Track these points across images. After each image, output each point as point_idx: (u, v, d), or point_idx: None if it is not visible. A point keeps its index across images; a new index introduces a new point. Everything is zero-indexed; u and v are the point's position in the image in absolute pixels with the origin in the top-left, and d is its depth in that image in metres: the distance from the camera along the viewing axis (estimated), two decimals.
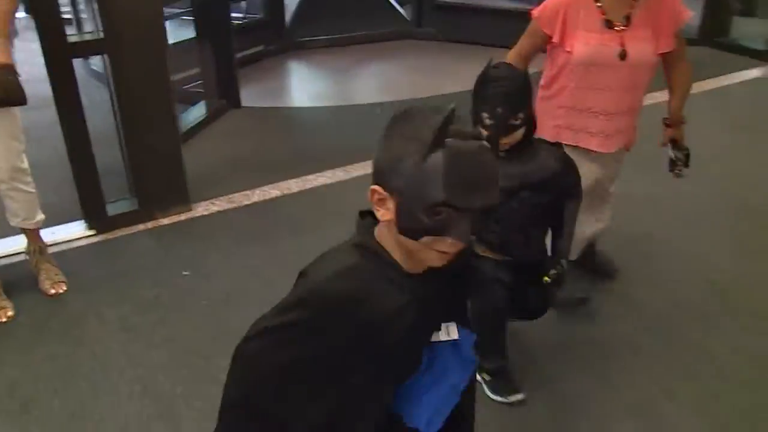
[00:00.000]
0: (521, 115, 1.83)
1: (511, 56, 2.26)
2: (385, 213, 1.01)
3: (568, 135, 2.30)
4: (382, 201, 1.01)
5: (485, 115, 1.84)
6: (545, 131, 2.27)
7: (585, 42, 2.16)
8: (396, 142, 0.98)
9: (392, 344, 1.03)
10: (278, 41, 5.99)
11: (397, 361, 1.06)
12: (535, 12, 2.25)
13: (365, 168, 3.63)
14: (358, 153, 3.68)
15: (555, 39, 2.20)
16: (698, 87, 4.83)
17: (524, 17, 2.33)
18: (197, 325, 2.45)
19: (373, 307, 1.01)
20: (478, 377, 2.03)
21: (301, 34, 6.17)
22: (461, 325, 1.16)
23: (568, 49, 2.19)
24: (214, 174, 3.63)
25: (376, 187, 1.01)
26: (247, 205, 3.32)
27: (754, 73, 5.05)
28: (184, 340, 2.37)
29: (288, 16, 6.15)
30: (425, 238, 0.97)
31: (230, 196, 3.38)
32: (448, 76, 5.15)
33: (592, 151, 2.31)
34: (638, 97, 2.30)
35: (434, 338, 1.11)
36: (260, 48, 5.85)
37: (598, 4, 2.15)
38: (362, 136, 4.17)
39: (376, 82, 5.59)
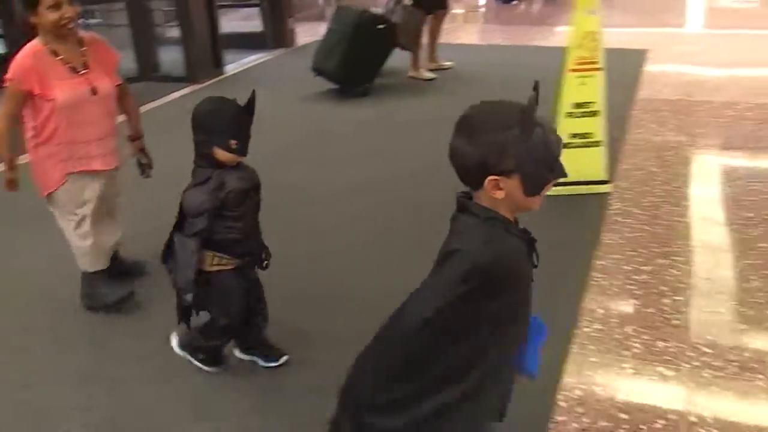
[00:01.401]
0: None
1: (2, 118, 2.69)
2: (500, 192, 1.35)
3: (74, 164, 2.78)
4: (496, 184, 1.34)
5: (233, 141, 2.17)
6: (54, 171, 2.76)
7: (61, 89, 2.66)
8: (489, 139, 1.32)
9: (528, 280, 1.44)
10: None
11: (530, 294, 1.47)
12: (9, 76, 2.63)
13: None
14: None
15: (37, 92, 2.64)
16: (143, 109, 6.07)
17: None
18: None
19: (514, 255, 1.39)
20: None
21: None
22: None
23: (50, 98, 2.66)
24: None
25: (492, 177, 1.33)
26: None
27: (182, 92, 6.52)
28: None
29: None
30: (544, 188, 1.38)
31: None
32: None
33: (98, 171, 2.84)
34: (113, 123, 2.91)
35: None
36: None
37: (59, 58, 2.68)
38: None
39: None
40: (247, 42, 8.09)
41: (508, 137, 1.31)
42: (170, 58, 7.04)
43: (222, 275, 2.31)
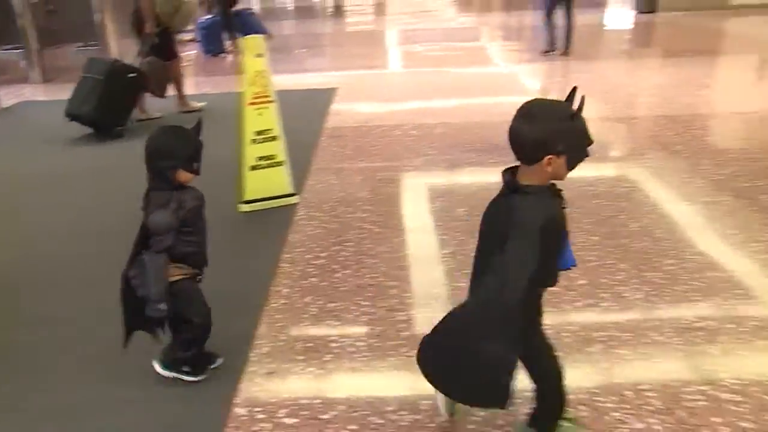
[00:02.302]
0: None
1: None
2: (550, 167, 1.83)
3: None
4: (550, 162, 1.82)
5: (196, 164, 2.54)
6: None
7: None
8: (548, 127, 1.80)
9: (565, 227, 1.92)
10: None
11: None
12: None
13: None
14: None
15: None
16: None
17: None
18: None
19: (557, 212, 1.88)
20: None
21: None
22: None
23: None
24: None
25: (549, 156, 1.80)
26: None
27: None
28: None
29: None
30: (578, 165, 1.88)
31: None
32: None
33: None
34: None
35: None
36: None
37: None
38: None
39: None
40: None
41: (563, 126, 1.81)
42: None
43: (184, 282, 2.60)
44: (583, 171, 5.08)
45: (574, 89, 1.88)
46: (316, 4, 22.80)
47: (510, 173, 1.92)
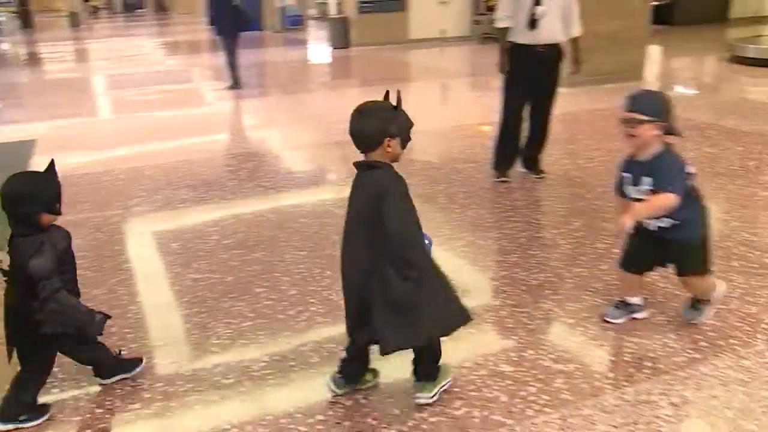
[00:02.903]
0: None
1: None
2: (390, 148, 2.41)
3: None
4: (388, 143, 2.40)
5: (58, 205, 2.54)
6: None
7: None
8: (379, 116, 2.40)
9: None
10: None
11: None
12: None
13: None
14: None
15: None
16: None
17: None
18: None
19: (401, 180, 2.45)
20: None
21: None
22: None
23: None
24: None
25: (387, 138, 2.38)
26: None
27: None
28: None
29: None
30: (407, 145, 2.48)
31: None
32: None
33: None
34: None
35: None
36: None
37: None
38: None
39: None
40: None
41: (391, 115, 2.40)
42: None
43: None
44: (292, 197, 5.62)
45: (387, 93, 2.50)
46: (5, 51, 21.09)
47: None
